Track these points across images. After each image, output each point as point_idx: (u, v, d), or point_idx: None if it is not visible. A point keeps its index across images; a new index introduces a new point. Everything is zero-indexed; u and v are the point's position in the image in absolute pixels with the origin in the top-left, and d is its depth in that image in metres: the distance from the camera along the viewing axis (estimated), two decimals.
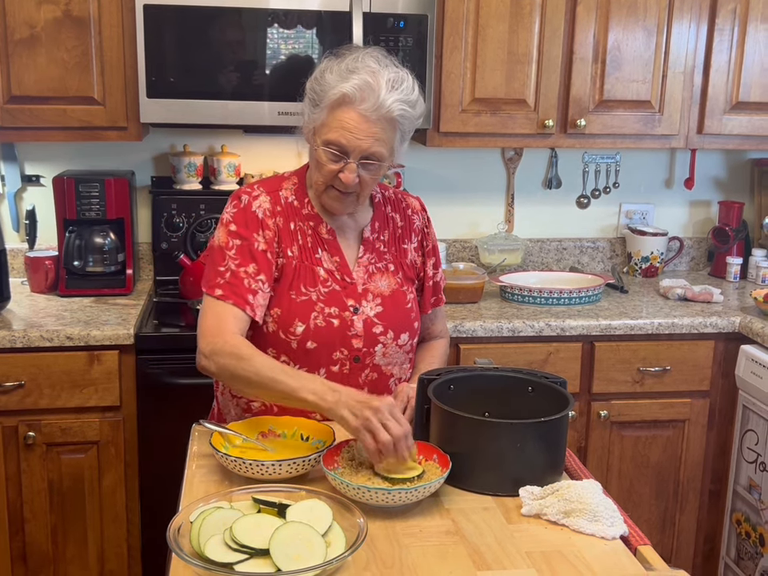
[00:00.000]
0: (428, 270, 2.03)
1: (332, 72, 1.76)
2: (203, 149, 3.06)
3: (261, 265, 1.81)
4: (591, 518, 1.45)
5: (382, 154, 1.78)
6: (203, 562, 1.26)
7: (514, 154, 3.27)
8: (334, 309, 1.85)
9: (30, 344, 2.42)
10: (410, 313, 1.95)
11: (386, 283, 1.93)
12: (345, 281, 1.88)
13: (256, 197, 1.87)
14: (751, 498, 2.70)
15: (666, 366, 2.75)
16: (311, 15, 2.60)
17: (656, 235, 3.28)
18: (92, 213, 2.77)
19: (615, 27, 2.84)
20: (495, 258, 3.15)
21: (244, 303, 1.78)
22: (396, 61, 1.81)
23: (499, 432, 1.55)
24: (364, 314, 1.87)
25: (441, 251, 3.13)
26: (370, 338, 1.88)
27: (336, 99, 1.74)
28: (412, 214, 2.02)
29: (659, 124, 2.93)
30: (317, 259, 1.87)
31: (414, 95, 1.79)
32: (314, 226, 1.89)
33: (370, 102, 1.72)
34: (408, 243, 1.99)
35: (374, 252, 1.94)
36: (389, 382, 1.93)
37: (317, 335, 1.83)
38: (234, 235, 1.83)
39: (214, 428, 1.69)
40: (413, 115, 1.80)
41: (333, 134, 1.75)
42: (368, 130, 1.74)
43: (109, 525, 2.57)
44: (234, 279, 1.79)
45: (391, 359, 1.92)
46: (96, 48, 2.59)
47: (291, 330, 1.83)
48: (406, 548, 1.39)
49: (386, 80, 1.74)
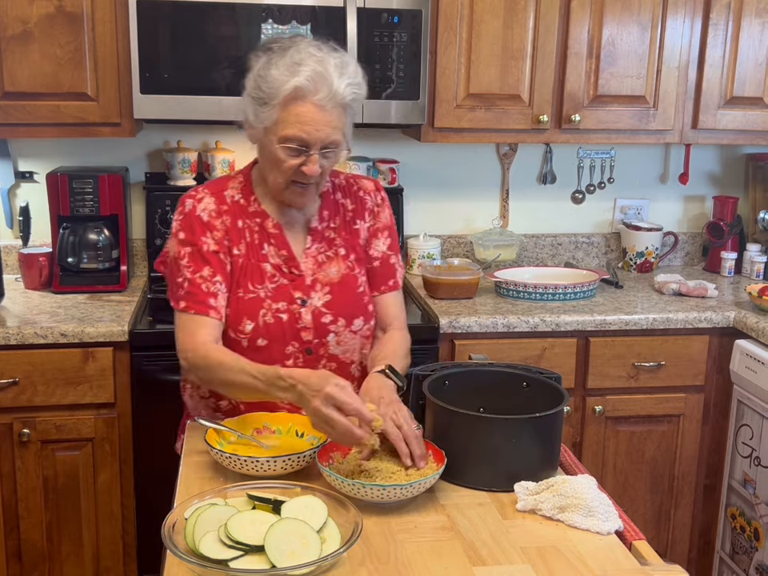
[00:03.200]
0: (373, 249, 1.99)
1: (277, 67, 1.74)
2: (197, 145, 3.06)
3: (215, 266, 1.83)
4: (586, 513, 1.45)
5: (339, 140, 1.78)
6: (198, 559, 1.26)
7: (508, 149, 3.27)
8: (282, 303, 1.85)
9: (24, 341, 2.41)
10: (362, 297, 1.94)
11: (336, 269, 1.92)
12: (293, 274, 1.88)
13: (200, 199, 1.87)
14: (746, 492, 2.70)
15: (661, 361, 2.76)
16: (305, 10, 2.60)
17: (651, 230, 3.28)
18: (86, 209, 2.77)
19: (610, 22, 2.83)
20: (490, 253, 3.15)
21: (207, 309, 1.80)
22: (333, 43, 1.80)
23: (494, 427, 1.55)
24: (312, 305, 1.87)
25: (435, 247, 3.16)
26: (320, 329, 1.87)
27: (289, 94, 1.72)
28: (364, 195, 2.00)
29: (654, 119, 2.93)
30: (263, 255, 1.87)
31: (359, 76, 1.79)
32: (260, 222, 1.89)
33: (323, 91, 1.72)
34: (361, 223, 1.98)
35: (323, 241, 1.93)
36: (350, 369, 1.92)
37: (267, 332, 1.83)
38: (183, 243, 1.84)
39: (208, 424, 1.68)
40: (362, 96, 1.81)
41: (291, 130, 1.74)
42: (325, 119, 1.74)
43: (104, 522, 2.57)
44: (192, 288, 1.81)
45: (347, 346, 1.91)
46: (89, 44, 2.58)
47: (240, 329, 1.84)
48: (401, 544, 1.39)
49: (334, 66, 1.74)
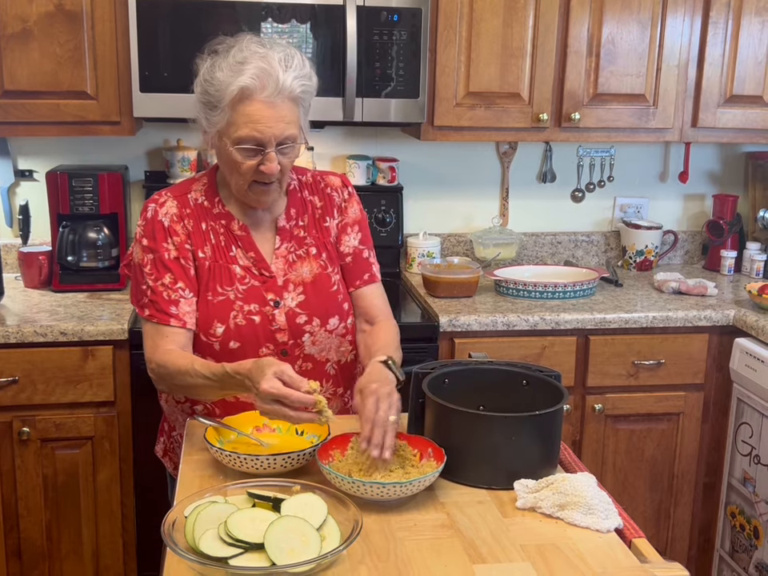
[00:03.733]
0: (343, 245, 1.96)
1: (221, 69, 1.72)
2: (197, 143, 3.05)
3: (176, 273, 1.83)
4: (586, 510, 1.45)
5: (294, 135, 1.76)
6: (198, 557, 1.26)
7: (508, 147, 3.27)
8: (254, 305, 1.84)
9: (23, 339, 2.41)
10: (336, 295, 1.93)
11: (308, 269, 1.90)
12: (263, 275, 1.87)
13: (162, 203, 1.87)
14: (745, 490, 2.71)
15: (661, 360, 2.76)
16: (305, 9, 2.59)
17: (650, 229, 3.28)
18: (85, 208, 2.77)
19: (609, 21, 2.83)
20: (490, 252, 3.15)
21: (168, 318, 1.81)
22: (278, 38, 1.79)
23: (493, 425, 1.55)
24: (286, 307, 1.86)
25: (435, 246, 3.16)
26: (295, 330, 1.86)
27: (236, 96, 1.71)
28: (331, 192, 1.98)
29: (653, 117, 2.93)
30: (231, 257, 1.86)
31: (306, 68, 1.77)
32: (225, 224, 1.88)
33: (270, 87, 1.70)
34: (330, 220, 1.96)
35: (292, 240, 1.91)
36: (325, 368, 1.92)
37: (238, 334, 1.83)
38: (146, 250, 1.84)
39: (208, 422, 1.68)
40: (312, 88, 1.79)
41: (243, 131, 1.72)
42: (276, 115, 1.72)
43: (104, 520, 2.57)
44: (154, 296, 1.82)
45: (323, 346, 1.90)
46: (89, 42, 2.58)
47: (211, 332, 1.84)
48: (401, 542, 1.39)
49: (278, 60, 1.72)
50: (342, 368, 1.96)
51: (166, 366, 1.77)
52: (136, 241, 1.88)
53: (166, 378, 1.78)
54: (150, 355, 1.82)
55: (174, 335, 1.81)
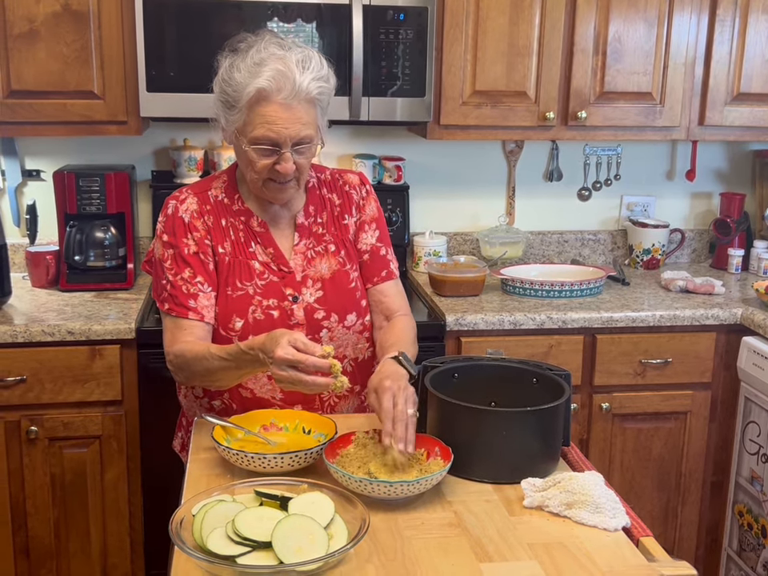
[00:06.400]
0: (361, 243, 1.98)
1: (239, 70, 1.74)
2: (204, 143, 3.06)
3: (195, 267, 1.85)
4: (593, 509, 1.45)
5: (311, 135, 1.78)
6: (205, 555, 1.26)
7: (514, 146, 3.26)
8: (273, 300, 1.86)
9: (31, 339, 2.42)
10: (354, 292, 1.94)
11: (327, 266, 1.92)
12: (282, 271, 1.89)
13: (183, 200, 1.89)
14: (753, 489, 2.70)
15: (668, 358, 2.75)
16: (311, 8, 2.60)
17: (657, 227, 3.27)
18: (92, 207, 2.77)
19: (616, 19, 2.83)
20: (496, 250, 3.14)
21: (186, 311, 1.83)
22: (297, 40, 1.80)
23: (493, 420, 1.56)
24: (304, 302, 1.88)
25: (441, 244, 3.16)
26: (313, 325, 1.88)
27: (253, 97, 1.72)
28: (350, 189, 2.00)
29: (660, 116, 2.93)
30: (251, 253, 1.88)
31: (324, 69, 1.78)
32: (245, 221, 1.90)
33: (286, 89, 1.71)
34: (349, 218, 1.98)
35: (311, 237, 1.93)
36: (342, 365, 1.91)
37: (257, 329, 1.83)
38: (166, 246, 1.87)
39: (215, 421, 1.69)
40: (329, 90, 1.80)
41: (259, 131, 1.74)
42: (292, 116, 1.73)
43: (111, 519, 2.58)
44: (173, 290, 1.84)
45: (340, 341, 1.91)
46: (95, 42, 2.58)
47: (230, 327, 1.85)
48: (408, 540, 1.39)
49: (296, 62, 1.73)
50: (359, 365, 1.96)
51: (183, 355, 1.78)
52: (157, 237, 1.90)
53: (183, 367, 1.80)
54: (168, 347, 1.84)
55: (192, 328, 1.83)
